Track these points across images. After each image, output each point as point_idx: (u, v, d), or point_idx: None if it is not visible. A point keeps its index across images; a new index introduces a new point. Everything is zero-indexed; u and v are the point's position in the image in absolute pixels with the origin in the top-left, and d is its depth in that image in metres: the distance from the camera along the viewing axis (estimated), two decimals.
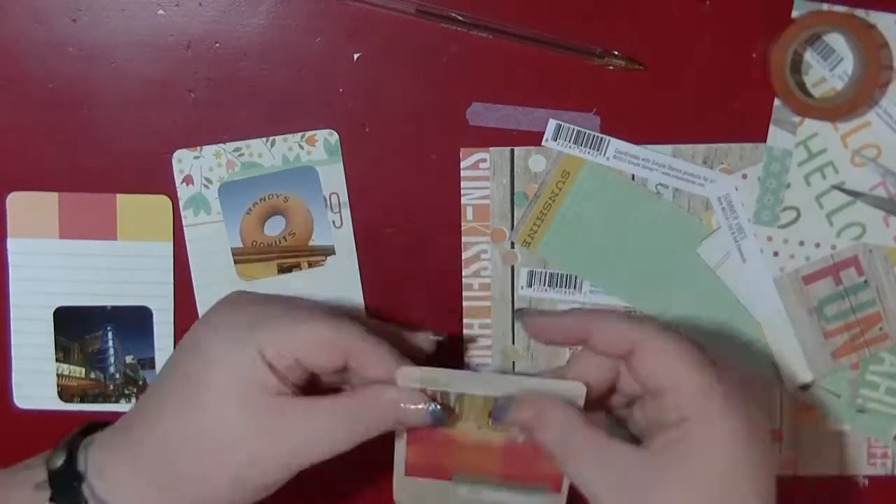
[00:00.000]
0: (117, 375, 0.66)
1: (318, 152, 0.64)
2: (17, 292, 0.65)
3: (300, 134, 0.64)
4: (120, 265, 0.65)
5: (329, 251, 0.65)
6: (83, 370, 0.66)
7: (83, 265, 0.65)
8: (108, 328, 0.66)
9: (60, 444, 0.55)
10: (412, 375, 0.55)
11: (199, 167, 0.64)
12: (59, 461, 0.54)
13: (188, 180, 0.64)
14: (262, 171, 0.64)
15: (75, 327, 0.66)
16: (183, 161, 0.64)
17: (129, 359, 0.66)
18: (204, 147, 0.64)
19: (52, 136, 0.64)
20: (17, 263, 0.65)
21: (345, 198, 0.64)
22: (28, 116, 0.64)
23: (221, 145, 0.64)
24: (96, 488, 0.54)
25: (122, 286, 0.65)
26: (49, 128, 0.64)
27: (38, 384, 0.66)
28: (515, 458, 0.57)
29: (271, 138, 0.64)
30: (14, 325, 0.66)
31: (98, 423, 0.57)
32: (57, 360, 0.66)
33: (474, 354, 0.66)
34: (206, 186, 0.64)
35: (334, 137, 0.63)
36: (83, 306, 0.65)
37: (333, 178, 0.64)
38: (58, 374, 0.66)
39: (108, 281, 0.65)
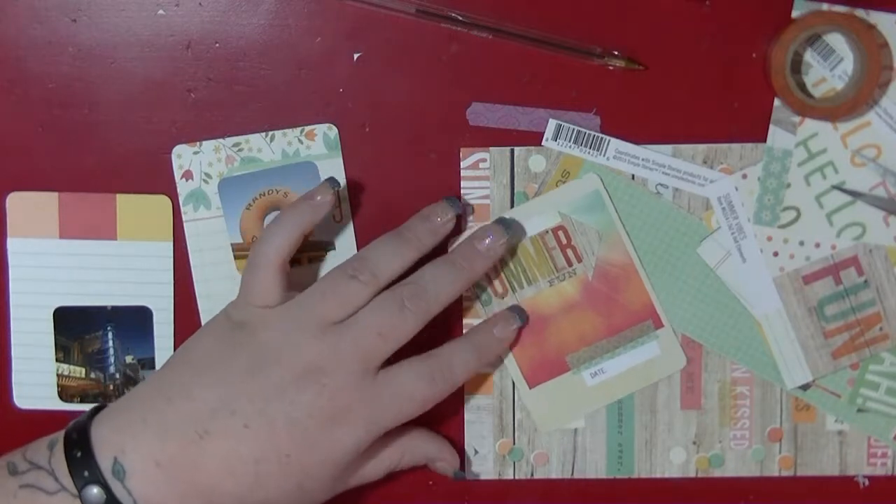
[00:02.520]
0: (117, 375, 0.66)
1: (318, 147, 0.64)
2: (17, 292, 0.65)
3: (299, 129, 0.64)
4: (120, 265, 0.65)
5: (329, 246, 0.65)
6: (83, 370, 0.66)
7: (83, 265, 0.65)
8: (108, 328, 0.66)
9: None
10: None
11: (199, 162, 0.64)
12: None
13: (188, 175, 0.64)
14: (262, 166, 0.64)
15: (75, 327, 0.66)
16: (182, 156, 0.64)
17: (129, 359, 0.66)
18: (203, 142, 0.64)
19: (52, 136, 0.64)
20: (17, 263, 0.65)
21: (345, 192, 0.64)
22: (28, 116, 0.64)
23: (220, 140, 0.64)
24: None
25: (122, 286, 0.65)
26: (49, 128, 0.64)
27: (38, 384, 0.66)
28: (602, 302, 0.62)
29: (270, 133, 0.64)
30: (14, 325, 0.66)
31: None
32: (57, 360, 0.66)
33: None
34: (205, 182, 0.64)
35: (333, 132, 0.63)
36: (83, 306, 0.65)
37: (333, 173, 0.64)
38: (58, 374, 0.66)
39: (108, 281, 0.65)
